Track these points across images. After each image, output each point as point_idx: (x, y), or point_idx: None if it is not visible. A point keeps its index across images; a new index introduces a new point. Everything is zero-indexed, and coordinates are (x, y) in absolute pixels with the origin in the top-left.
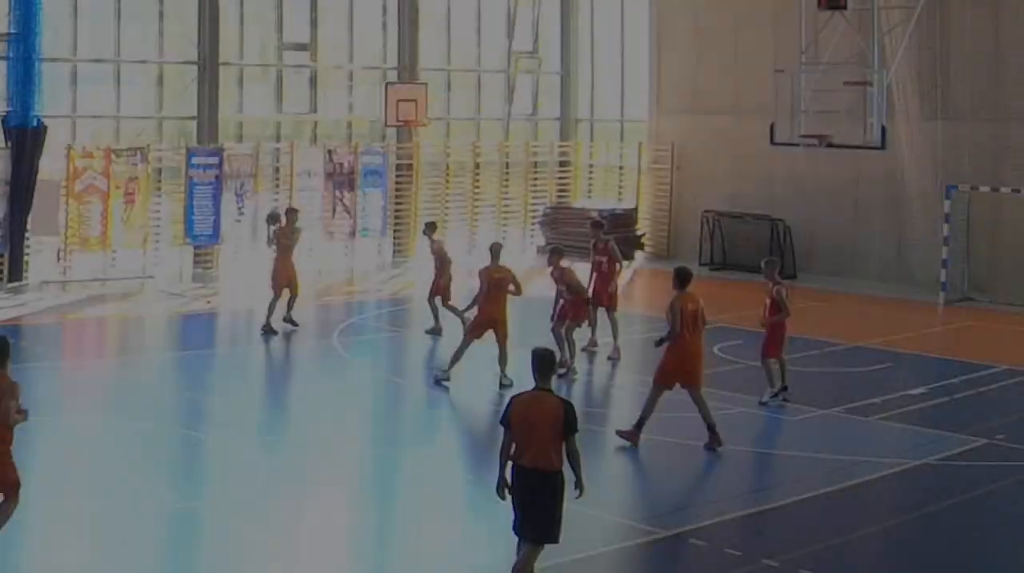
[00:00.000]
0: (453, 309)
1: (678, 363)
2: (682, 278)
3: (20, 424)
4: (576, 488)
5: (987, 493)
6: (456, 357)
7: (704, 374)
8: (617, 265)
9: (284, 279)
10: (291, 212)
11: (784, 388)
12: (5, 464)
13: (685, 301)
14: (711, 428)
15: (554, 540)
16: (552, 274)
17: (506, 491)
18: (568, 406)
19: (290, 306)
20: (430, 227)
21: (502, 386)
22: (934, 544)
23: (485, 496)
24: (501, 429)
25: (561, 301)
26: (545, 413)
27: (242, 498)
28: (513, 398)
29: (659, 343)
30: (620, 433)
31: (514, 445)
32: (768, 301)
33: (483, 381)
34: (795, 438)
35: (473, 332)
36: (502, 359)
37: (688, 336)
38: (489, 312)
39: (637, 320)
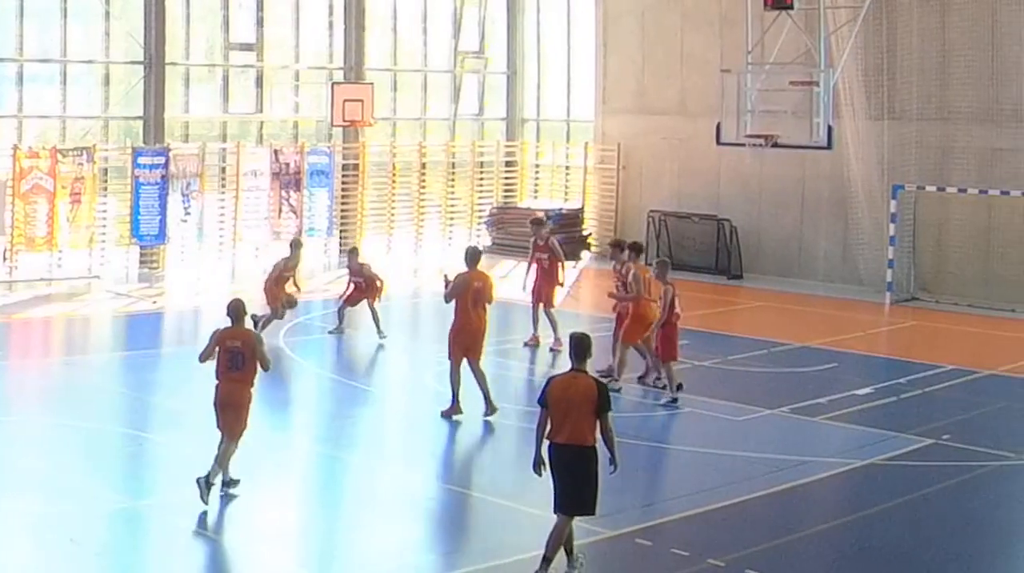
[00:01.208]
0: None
1: (460, 334)
2: (469, 256)
3: None
4: (611, 464)
5: (933, 493)
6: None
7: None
8: (559, 263)
9: (275, 300)
10: (296, 245)
11: (679, 386)
12: None
13: (472, 278)
14: (486, 397)
15: (593, 512)
16: (615, 269)
17: (542, 468)
18: (602, 386)
19: (266, 323)
20: (354, 253)
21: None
22: (879, 544)
23: (426, 495)
24: (538, 408)
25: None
26: (581, 393)
27: (188, 498)
28: (551, 379)
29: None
30: (444, 413)
31: (550, 424)
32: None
33: (424, 383)
34: (741, 438)
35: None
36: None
37: (471, 311)
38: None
39: (584, 319)
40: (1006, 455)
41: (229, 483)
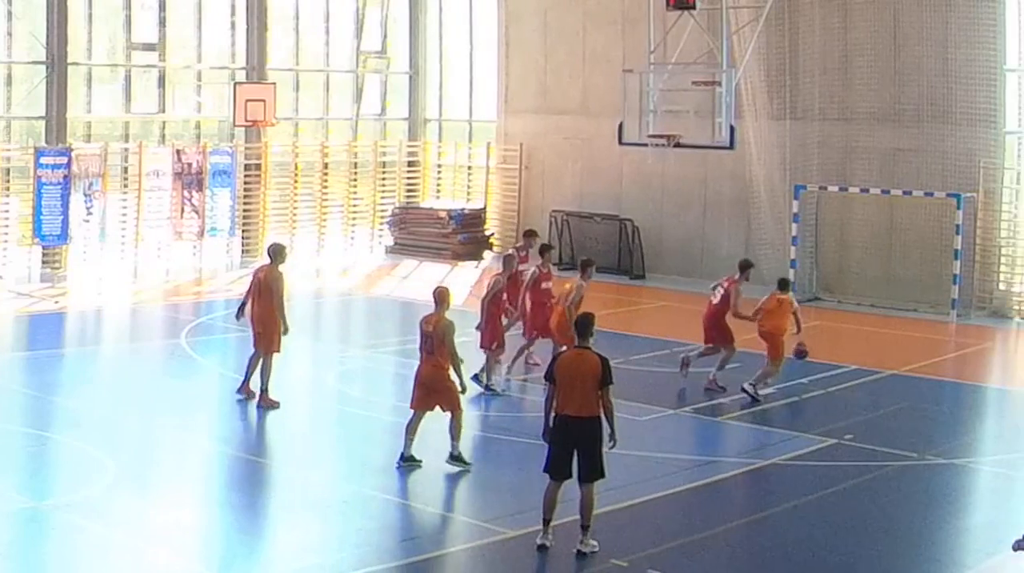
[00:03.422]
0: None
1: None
2: (271, 252)
3: None
4: (610, 439)
5: (835, 493)
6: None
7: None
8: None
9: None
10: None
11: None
12: None
13: (258, 271)
14: (263, 390)
15: (603, 476)
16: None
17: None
18: (605, 361)
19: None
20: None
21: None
22: (782, 543)
23: (328, 495)
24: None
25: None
26: (587, 367)
27: (88, 498)
28: (557, 355)
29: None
30: (260, 403)
31: (557, 397)
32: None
33: (326, 384)
34: (644, 438)
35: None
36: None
37: (254, 303)
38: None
39: (472, 319)
40: (908, 455)
41: (410, 458)
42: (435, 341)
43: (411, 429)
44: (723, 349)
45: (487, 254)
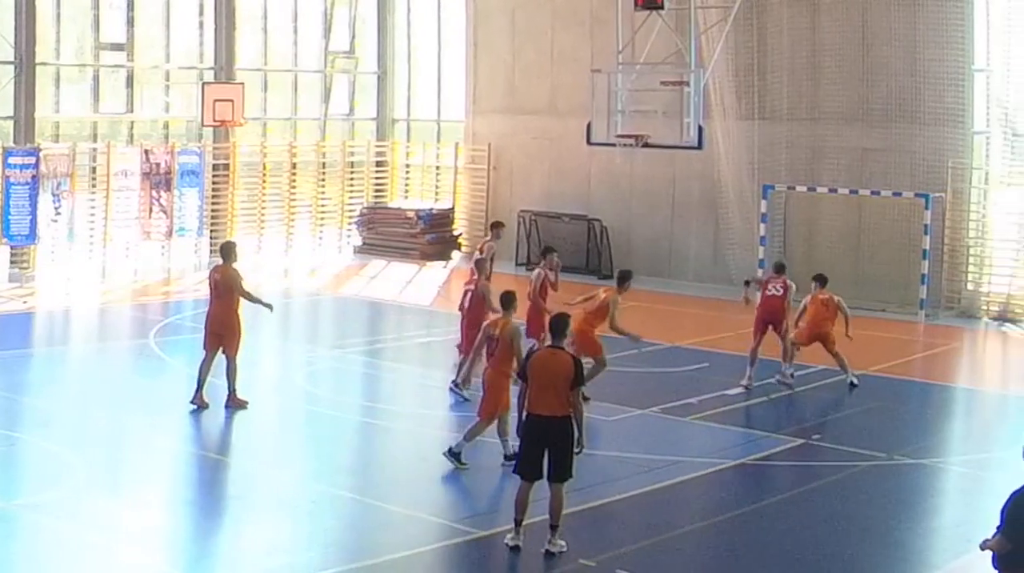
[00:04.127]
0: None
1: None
2: (223, 251)
3: None
4: (577, 445)
5: (803, 493)
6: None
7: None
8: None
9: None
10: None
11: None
12: None
13: (213, 272)
14: (231, 391)
15: (572, 476)
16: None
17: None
18: (577, 362)
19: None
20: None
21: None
22: (750, 543)
23: (297, 495)
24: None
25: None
26: (560, 367)
27: (56, 498)
28: (530, 353)
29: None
30: (228, 403)
31: (528, 397)
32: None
33: (295, 383)
34: (612, 438)
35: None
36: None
37: (212, 304)
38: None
39: (455, 319)
40: (876, 455)
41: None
42: (501, 344)
43: (502, 431)
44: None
45: (455, 254)
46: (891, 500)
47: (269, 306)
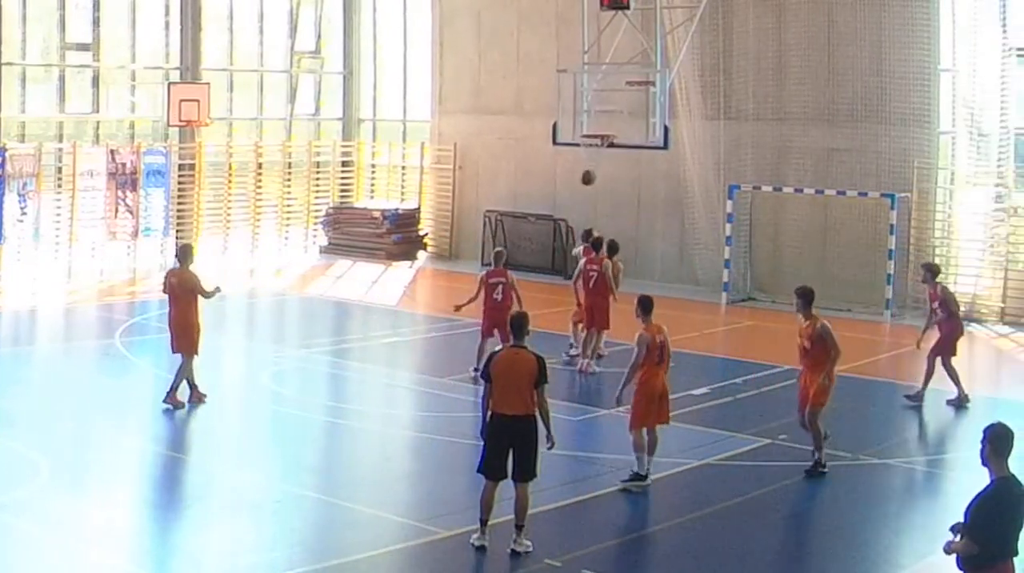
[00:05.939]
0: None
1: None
2: (179, 255)
3: None
4: (548, 440)
5: (769, 493)
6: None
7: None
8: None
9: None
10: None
11: None
12: None
13: (170, 275)
14: (172, 389)
15: (536, 476)
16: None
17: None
18: (541, 360)
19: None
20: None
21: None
22: (716, 543)
23: (262, 495)
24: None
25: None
26: (523, 366)
27: (21, 498)
28: (493, 354)
29: None
30: (166, 400)
31: (492, 396)
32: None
33: (260, 383)
34: (576, 438)
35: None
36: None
37: (171, 307)
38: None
39: (420, 319)
40: (842, 455)
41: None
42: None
43: (639, 446)
44: None
45: (421, 254)
46: (857, 500)
47: (217, 288)
